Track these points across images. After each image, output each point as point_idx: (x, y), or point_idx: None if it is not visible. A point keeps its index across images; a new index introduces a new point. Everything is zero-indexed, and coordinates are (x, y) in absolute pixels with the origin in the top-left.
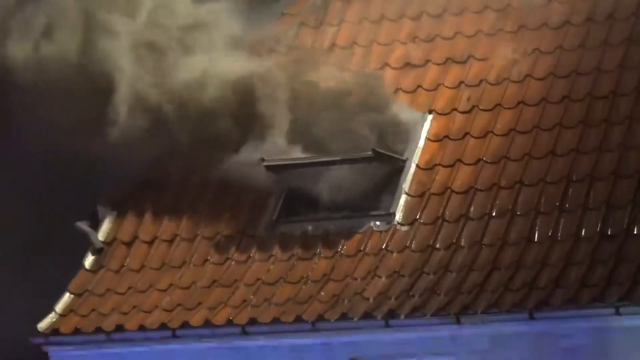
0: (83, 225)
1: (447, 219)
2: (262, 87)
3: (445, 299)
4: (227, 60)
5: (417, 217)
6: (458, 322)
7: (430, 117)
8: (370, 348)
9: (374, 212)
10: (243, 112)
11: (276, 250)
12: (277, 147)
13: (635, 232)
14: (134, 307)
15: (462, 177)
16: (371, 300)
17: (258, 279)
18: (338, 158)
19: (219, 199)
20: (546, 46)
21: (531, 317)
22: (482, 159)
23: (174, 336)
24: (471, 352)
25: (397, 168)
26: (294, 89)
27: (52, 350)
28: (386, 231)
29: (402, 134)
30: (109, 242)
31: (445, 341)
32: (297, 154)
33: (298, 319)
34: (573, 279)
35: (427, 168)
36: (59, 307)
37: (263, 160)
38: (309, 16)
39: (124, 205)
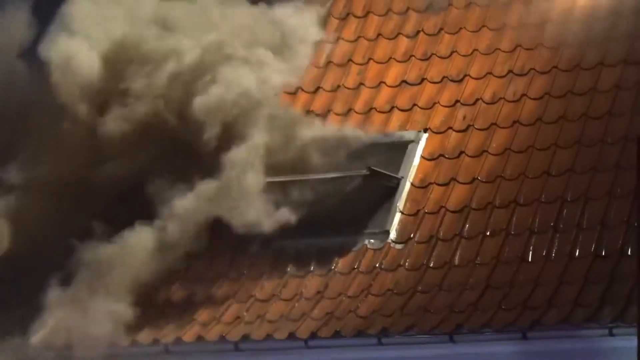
0: None
1: (441, 237)
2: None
3: (439, 317)
4: None
5: (412, 235)
6: (451, 341)
7: (425, 135)
8: None
9: (369, 230)
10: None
11: (269, 267)
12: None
13: (629, 253)
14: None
15: (456, 195)
16: (364, 318)
17: (251, 296)
18: (333, 175)
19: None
20: (542, 66)
21: (524, 337)
22: (477, 178)
23: (167, 352)
24: None
25: (392, 186)
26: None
27: None
28: (380, 249)
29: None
30: None
31: None
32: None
33: (291, 336)
34: (567, 299)
35: (421, 186)
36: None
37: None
38: None
39: None
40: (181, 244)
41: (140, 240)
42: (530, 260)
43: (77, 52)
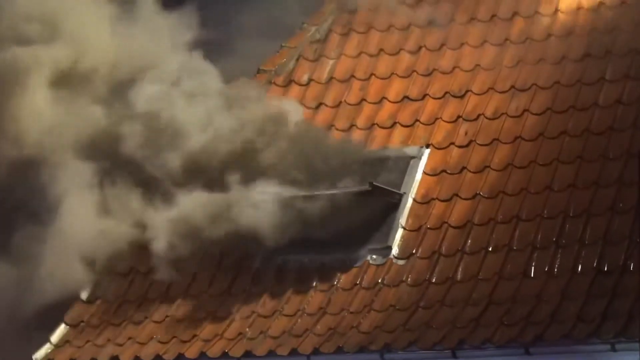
0: None
1: (443, 253)
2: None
3: (441, 333)
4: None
5: (414, 251)
6: (454, 356)
7: (427, 151)
8: None
9: (371, 246)
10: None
11: (272, 283)
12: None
13: (631, 268)
14: (129, 338)
15: (459, 211)
16: (367, 333)
17: (253, 312)
18: (335, 191)
19: None
20: (544, 81)
21: (527, 352)
22: (479, 194)
23: None
24: None
25: (394, 202)
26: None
27: None
28: (382, 265)
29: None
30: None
31: None
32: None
33: (293, 352)
34: (569, 314)
35: (424, 202)
36: (55, 337)
37: (260, 192)
38: (307, 49)
39: None
40: None
41: None
42: (532, 275)
43: None
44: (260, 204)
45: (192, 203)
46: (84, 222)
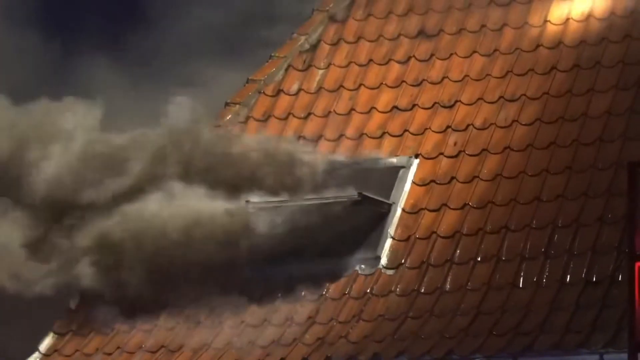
0: None
1: (432, 263)
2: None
3: (430, 343)
4: None
5: (403, 261)
6: None
7: (416, 161)
8: None
9: (360, 256)
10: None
11: (261, 293)
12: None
13: (620, 279)
14: (118, 347)
15: (447, 221)
16: (356, 343)
17: (242, 321)
18: (324, 200)
19: None
20: (533, 92)
21: None
22: (468, 204)
23: None
24: None
25: (383, 212)
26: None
27: None
28: (371, 275)
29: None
30: None
31: None
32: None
33: None
34: (558, 325)
35: (412, 212)
36: (43, 347)
37: (248, 201)
38: (296, 59)
39: None
40: None
41: None
42: (521, 286)
43: None
44: (249, 213)
45: (178, 211)
46: None
